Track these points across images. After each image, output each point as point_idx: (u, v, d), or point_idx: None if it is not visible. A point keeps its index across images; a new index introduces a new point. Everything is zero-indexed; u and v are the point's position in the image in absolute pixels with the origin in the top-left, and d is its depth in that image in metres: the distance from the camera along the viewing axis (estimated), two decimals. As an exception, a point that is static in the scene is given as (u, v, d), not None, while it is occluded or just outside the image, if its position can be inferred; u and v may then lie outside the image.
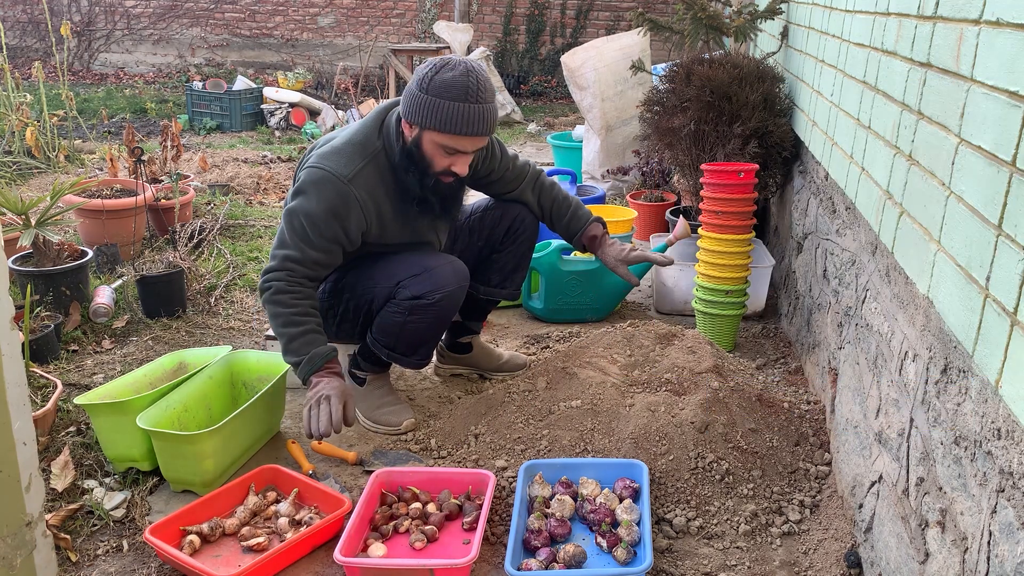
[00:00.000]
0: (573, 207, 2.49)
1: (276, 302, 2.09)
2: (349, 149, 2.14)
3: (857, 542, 1.77)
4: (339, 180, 2.10)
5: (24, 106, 4.84)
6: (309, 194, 2.10)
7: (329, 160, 2.12)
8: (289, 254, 2.10)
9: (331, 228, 2.11)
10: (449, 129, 2.02)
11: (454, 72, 2.02)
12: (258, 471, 2.03)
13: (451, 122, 2.01)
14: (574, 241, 2.51)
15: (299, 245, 2.10)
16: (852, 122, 2.16)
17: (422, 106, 2.03)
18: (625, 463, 1.97)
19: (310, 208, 2.09)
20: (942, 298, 1.36)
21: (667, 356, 2.31)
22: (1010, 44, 1.16)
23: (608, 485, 1.95)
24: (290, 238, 2.11)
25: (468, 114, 2.01)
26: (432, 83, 2.02)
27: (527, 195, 2.47)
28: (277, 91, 7.30)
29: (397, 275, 2.19)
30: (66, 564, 1.78)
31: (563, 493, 1.92)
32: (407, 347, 2.27)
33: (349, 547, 1.75)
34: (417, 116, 2.05)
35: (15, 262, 2.93)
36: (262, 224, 4.26)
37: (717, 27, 3.46)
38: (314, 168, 2.12)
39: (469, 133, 2.04)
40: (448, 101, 2.00)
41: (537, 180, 2.49)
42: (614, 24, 9.12)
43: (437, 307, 2.17)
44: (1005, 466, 1.09)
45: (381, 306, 2.23)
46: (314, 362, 2.08)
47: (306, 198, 2.10)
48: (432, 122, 2.03)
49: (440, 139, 2.06)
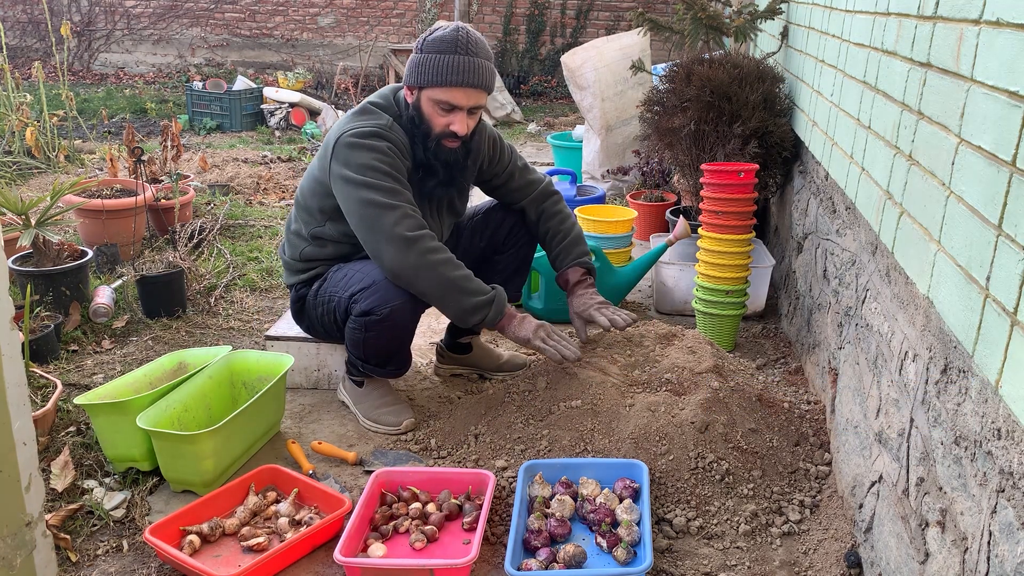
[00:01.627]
0: (567, 242, 2.43)
1: (436, 249, 2.06)
2: (373, 109, 2.21)
3: (857, 542, 1.77)
4: (383, 129, 2.14)
5: (24, 106, 4.84)
6: (367, 147, 2.10)
7: (362, 119, 2.17)
8: (396, 199, 2.07)
9: (400, 167, 2.13)
10: (440, 81, 2.07)
11: (444, 30, 2.10)
12: (258, 471, 2.03)
13: (441, 74, 2.07)
14: (556, 278, 2.50)
15: (393, 186, 2.08)
16: (852, 122, 2.16)
17: (417, 66, 2.11)
18: (625, 463, 1.97)
19: (377, 155, 2.09)
20: (942, 298, 1.36)
21: (667, 356, 2.31)
22: (1010, 44, 1.16)
23: (608, 485, 1.95)
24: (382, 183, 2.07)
25: (457, 64, 2.06)
26: (425, 43, 2.11)
27: (529, 212, 2.47)
28: (277, 91, 7.30)
29: (352, 286, 2.18)
30: (66, 564, 1.78)
31: (563, 493, 1.92)
32: (377, 360, 2.27)
33: (349, 547, 1.75)
34: (413, 76, 2.12)
35: (15, 262, 2.93)
36: (262, 224, 4.26)
37: (717, 27, 3.46)
38: (353, 130, 2.13)
39: (459, 83, 2.08)
40: (438, 54, 2.07)
41: (544, 202, 2.47)
42: (614, 24, 9.12)
43: (388, 321, 2.13)
44: (1005, 466, 1.09)
45: (344, 318, 2.22)
46: (503, 298, 2.14)
47: (367, 150, 2.10)
48: (425, 78, 2.09)
49: (435, 94, 2.11)
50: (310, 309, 2.33)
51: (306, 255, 2.32)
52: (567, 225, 2.46)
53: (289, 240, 2.39)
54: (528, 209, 2.46)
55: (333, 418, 2.42)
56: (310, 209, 2.29)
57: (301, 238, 2.32)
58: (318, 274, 2.32)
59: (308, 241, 2.30)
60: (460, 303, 2.09)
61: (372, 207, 2.06)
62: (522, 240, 2.48)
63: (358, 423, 2.38)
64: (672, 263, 3.15)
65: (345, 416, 2.43)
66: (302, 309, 2.38)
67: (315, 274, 2.33)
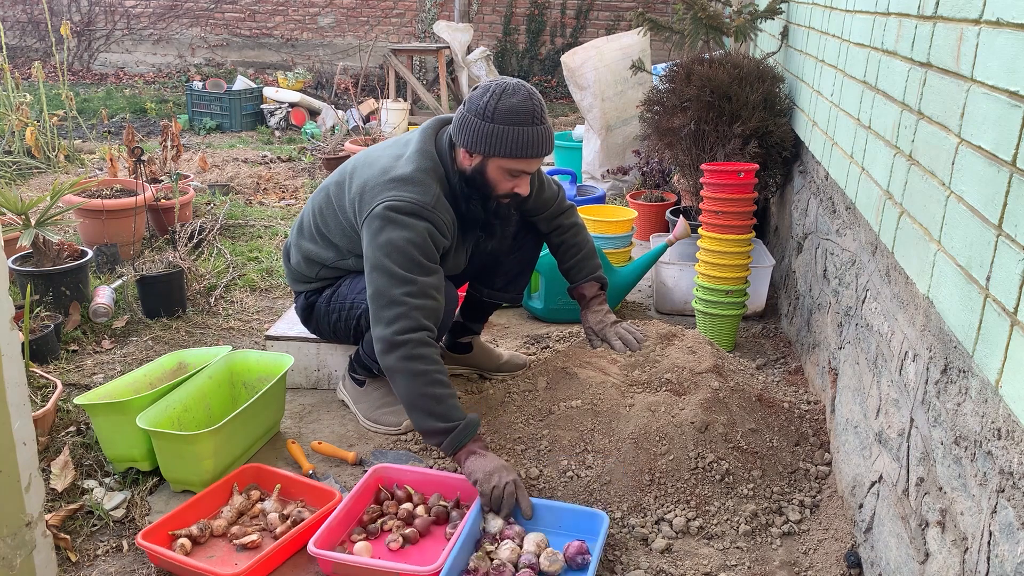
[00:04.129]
0: (580, 256, 2.45)
1: (419, 357, 1.95)
2: (422, 177, 2.08)
3: (857, 542, 1.77)
4: (426, 208, 2.04)
5: (24, 106, 4.84)
6: (402, 224, 2.01)
7: (408, 190, 2.05)
8: (408, 291, 1.98)
9: (432, 251, 2.05)
10: (519, 154, 2.02)
11: (518, 97, 2.00)
12: (240, 470, 2.04)
13: (521, 147, 2.02)
14: (568, 291, 2.51)
15: (411, 276, 1.99)
16: (852, 122, 2.16)
17: (489, 135, 2.01)
18: (587, 513, 1.86)
19: (410, 236, 2.00)
20: (942, 298, 1.36)
21: (667, 356, 2.31)
22: (1010, 44, 1.16)
23: (567, 530, 1.85)
24: (401, 271, 1.99)
25: (535, 138, 2.02)
26: (497, 111, 2.00)
27: (542, 225, 2.46)
28: (277, 91, 7.30)
29: None
30: (66, 564, 1.78)
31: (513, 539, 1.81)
32: None
33: (325, 539, 1.76)
34: (483, 145, 2.02)
35: (15, 262, 2.93)
36: (262, 224, 4.26)
37: (717, 27, 3.46)
38: (396, 201, 2.03)
39: (537, 155, 2.05)
40: (516, 127, 2.00)
41: (558, 216, 2.45)
42: (614, 24, 9.12)
43: None
44: (1005, 466, 1.08)
45: (368, 324, 2.19)
46: (468, 431, 1.95)
47: (401, 228, 2.01)
48: (501, 149, 2.02)
49: (508, 164, 2.05)
50: (321, 314, 2.33)
51: (322, 276, 2.32)
52: (581, 238, 2.47)
53: (304, 254, 2.32)
54: (541, 223, 2.46)
55: (333, 418, 2.42)
56: (337, 247, 2.24)
57: (319, 263, 2.29)
58: (328, 283, 2.33)
59: (327, 267, 2.30)
60: (420, 421, 1.99)
61: (379, 293, 2.01)
62: (528, 244, 2.49)
63: (358, 423, 2.38)
64: (672, 263, 3.15)
65: (345, 416, 2.43)
66: (311, 314, 2.38)
67: (326, 284, 2.34)
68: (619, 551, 1.82)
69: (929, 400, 1.40)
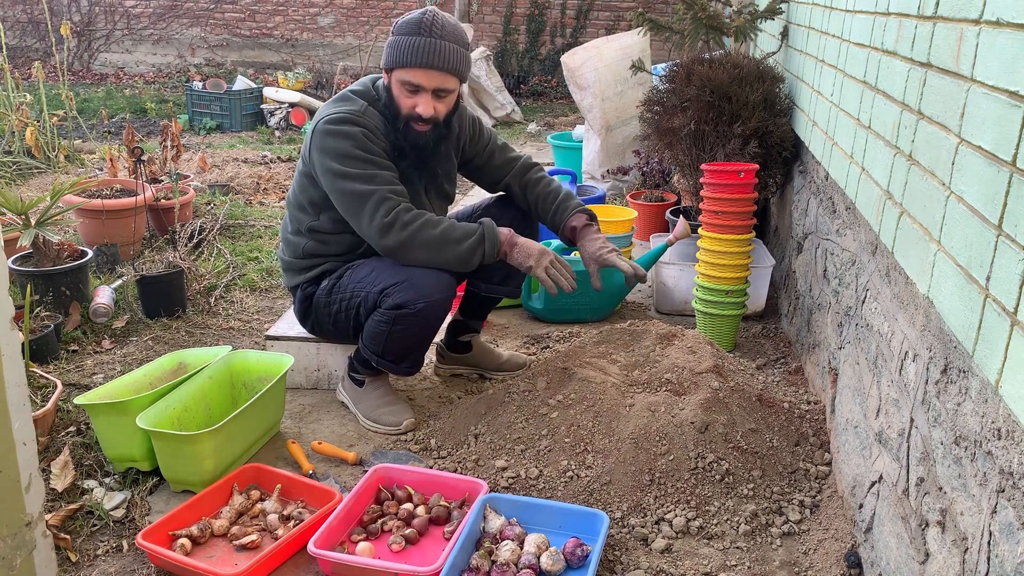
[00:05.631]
0: (560, 199, 2.41)
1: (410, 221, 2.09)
2: (349, 95, 2.25)
3: (857, 542, 1.77)
4: (355, 114, 2.16)
5: (24, 106, 4.84)
6: (340, 133, 2.14)
7: (337, 106, 2.20)
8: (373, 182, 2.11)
9: (376, 150, 2.16)
10: (405, 62, 2.11)
11: (414, 13, 2.14)
12: (240, 471, 2.03)
13: (406, 54, 2.11)
14: (560, 235, 2.43)
15: (370, 171, 2.13)
16: (852, 122, 2.16)
17: (388, 48, 2.15)
18: (587, 513, 1.85)
19: (351, 140, 2.13)
20: (942, 298, 1.36)
21: (667, 356, 2.31)
22: (1010, 44, 1.16)
23: (566, 530, 1.85)
24: (357, 170, 2.11)
25: (421, 45, 2.09)
26: (396, 25, 2.15)
27: (513, 187, 2.47)
28: (277, 91, 7.30)
29: (382, 282, 2.18)
30: (66, 564, 1.78)
31: (513, 539, 1.81)
32: (394, 355, 2.26)
33: (326, 540, 1.76)
34: (385, 59, 2.17)
35: (15, 262, 2.93)
36: (262, 224, 4.26)
37: (717, 27, 3.46)
38: (327, 117, 2.17)
39: (421, 64, 2.10)
40: (405, 36, 2.11)
41: (526, 173, 2.46)
42: (614, 24, 9.12)
43: (419, 316, 2.15)
44: (1005, 466, 1.09)
45: (368, 313, 2.22)
46: (491, 227, 2.14)
47: (341, 137, 2.14)
48: (393, 59, 2.14)
49: (401, 75, 2.14)
50: (320, 308, 2.31)
51: (309, 250, 2.31)
52: (554, 187, 2.46)
53: (287, 241, 2.38)
54: (513, 184, 2.47)
55: (333, 418, 2.42)
56: (302, 205, 2.30)
57: (300, 235, 2.32)
58: (326, 271, 2.31)
59: (307, 237, 2.30)
60: (456, 254, 2.14)
61: (350, 197, 2.13)
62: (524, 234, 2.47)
63: (358, 423, 2.38)
64: (672, 263, 3.15)
65: (345, 416, 2.43)
66: (309, 308, 2.36)
67: (322, 271, 2.32)
68: (619, 551, 1.82)
69: (929, 400, 1.40)
